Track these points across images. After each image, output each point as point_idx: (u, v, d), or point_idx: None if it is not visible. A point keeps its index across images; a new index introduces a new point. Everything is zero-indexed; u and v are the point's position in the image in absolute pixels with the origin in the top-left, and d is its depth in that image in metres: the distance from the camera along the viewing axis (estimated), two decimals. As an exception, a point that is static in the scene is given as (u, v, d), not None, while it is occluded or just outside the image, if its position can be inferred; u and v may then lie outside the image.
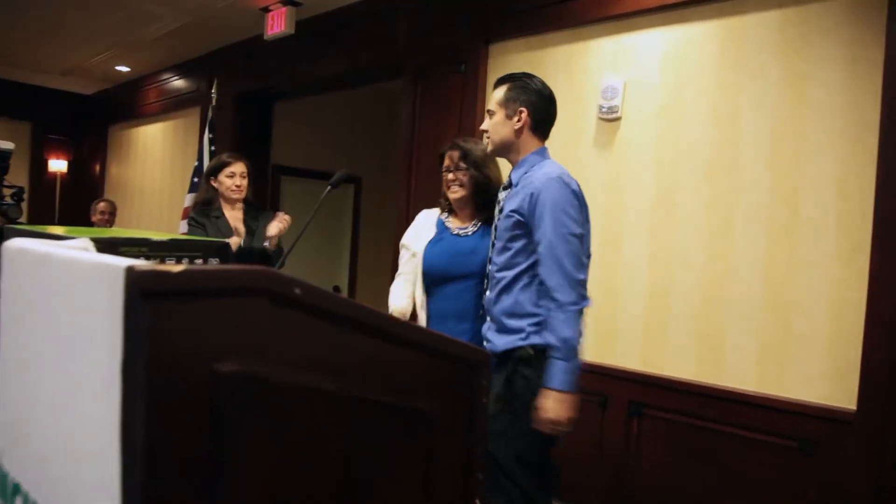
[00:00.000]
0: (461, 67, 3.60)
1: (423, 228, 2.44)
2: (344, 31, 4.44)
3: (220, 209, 3.21)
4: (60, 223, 7.37)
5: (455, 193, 2.33)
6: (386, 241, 6.47)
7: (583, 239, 1.98)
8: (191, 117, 6.00)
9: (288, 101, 5.61)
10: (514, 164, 2.13)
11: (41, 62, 6.48)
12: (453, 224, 2.39)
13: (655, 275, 2.82)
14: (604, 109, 2.97)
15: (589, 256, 2.03)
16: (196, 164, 5.02)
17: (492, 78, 3.49)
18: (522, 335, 1.99)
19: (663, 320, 2.77)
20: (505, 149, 2.13)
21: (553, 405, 1.88)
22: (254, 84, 5.27)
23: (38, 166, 7.64)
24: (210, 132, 5.01)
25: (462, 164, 2.31)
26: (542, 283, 1.95)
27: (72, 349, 0.73)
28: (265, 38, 4.58)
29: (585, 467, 2.90)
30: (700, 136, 2.71)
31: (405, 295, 2.41)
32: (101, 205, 5.69)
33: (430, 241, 2.37)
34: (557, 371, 1.88)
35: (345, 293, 6.45)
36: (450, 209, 2.43)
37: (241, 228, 3.11)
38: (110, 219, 5.61)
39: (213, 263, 1.52)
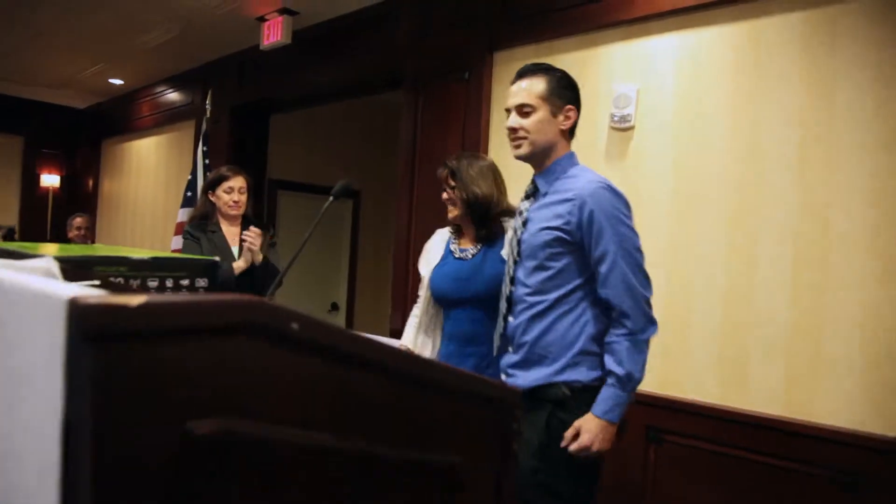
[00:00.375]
0: (465, 75, 3.46)
1: (432, 250, 2.42)
2: (342, 40, 4.31)
3: (217, 224, 3.07)
4: (52, 239, 7.20)
5: (450, 213, 2.32)
6: (386, 256, 6.31)
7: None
8: (185, 130, 5.86)
9: (285, 114, 5.48)
10: (541, 170, 1.91)
11: (33, 75, 6.35)
12: (457, 246, 2.36)
13: (674, 293, 2.66)
14: (616, 118, 2.83)
15: None
16: (189, 178, 4.87)
17: (497, 87, 3.36)
18: (556, 369, 1.76)
19: (683, 340, 2.62)
20: (544, 152, 1.87)
21: (593, 432, 1.71)
22: (249, 96, 5.14)
23: (30, 181, 7.49)
24: (204, 145, 4.87)
25: (451, 182, 2.28)
26: (608, 306, 1.75)
27: (9, 403, 0.57)
28: (261, 48, 4.45)
29: (599, 498, 2.72)
30: (720, 146, 2.57)
31: (409, 336, 2.43)
32: (77, 220, 5.50)
33: (436, 265, 2.36)
34: (610, 400, 1.71)
35: (343, 311, 6.28)
36: (458, 230, 2.38)
37: (251, 254, 2.95)
38: (87, 234, 5.43)
39: (201, 284, 1.36)
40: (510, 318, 1.89)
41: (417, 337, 2.37)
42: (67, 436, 0.49)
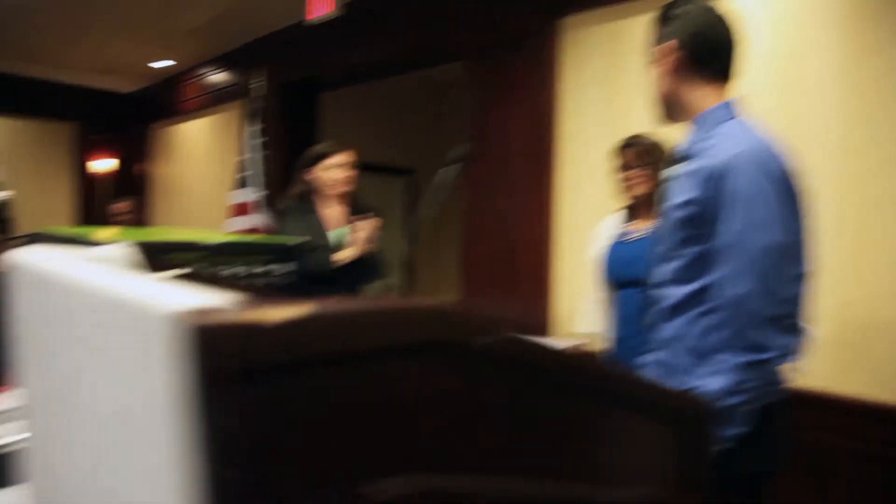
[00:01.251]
0: (529, 45, 3.24)
1: (598, 234, 2.49)
2: (395, 12, 4.12)
3: (313, 204, 2.90)
4: (102, 225, 7.22)
5: (635, 190, 2.33)
6: (445, 236, 6.12)
7: (790, 250, 1.32)
8: (234, 111, 5.76)
9: (335, 91, 5.32)
10: (689, 128, 1.50)
11: (80, 61, 6.32)
12: (624, 229, 2.40)
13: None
14: (703, 84, 2.59)
15: (800, 276, 1.33)
16: (242, 158, 4.76)
17: (564, 57, 3.14)
18: (694, 383, 1.35)
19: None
20: (670, 108, 1.49)
21: None
22: (298, 73, 4.99)
23: (80, 166, 7.51)
24: (255, 125, 4.75)
25: (637, 162, 2.30)
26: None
27: (117, 441, 0.42)
28: (306, 22, 4.27)
29: None
30: (825, 110, 2.32)
31: (591, 320, 2.51)
32: (120, 205, 5.41)
33: (605, 248, 2.42)
34: None
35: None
36: (631, 212, 2.42)
37: (356, 238, 2.79)
38: (131, 218, 5.34)
39: (285, 269, 1.21)
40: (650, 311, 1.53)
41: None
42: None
